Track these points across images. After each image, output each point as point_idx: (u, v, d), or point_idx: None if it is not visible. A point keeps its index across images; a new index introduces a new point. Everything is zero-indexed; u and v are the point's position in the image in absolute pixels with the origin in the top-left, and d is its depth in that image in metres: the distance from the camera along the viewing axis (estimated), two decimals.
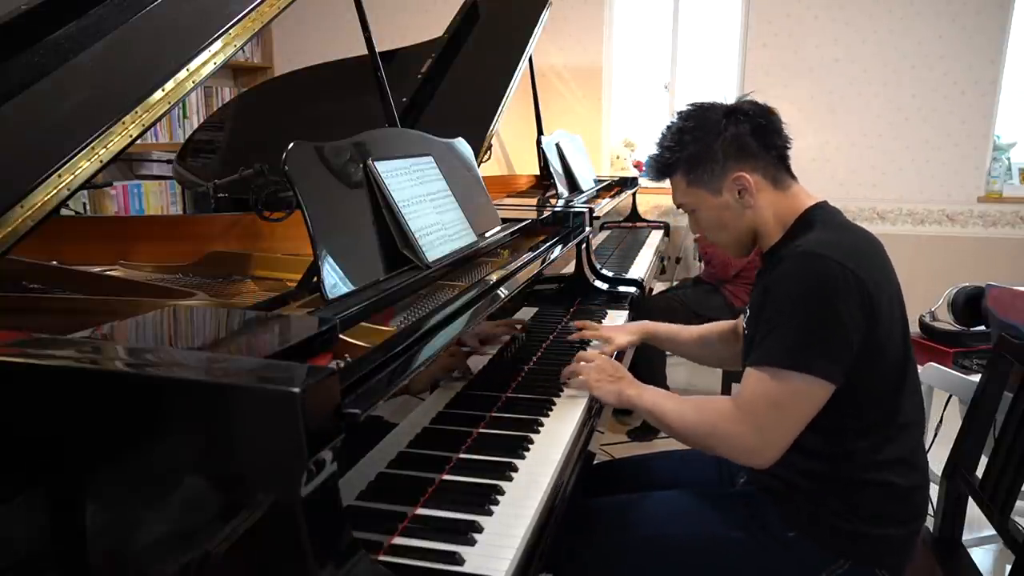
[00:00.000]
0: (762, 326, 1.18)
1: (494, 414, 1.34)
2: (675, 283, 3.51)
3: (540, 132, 3.41)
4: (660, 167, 1.35)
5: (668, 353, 3.07)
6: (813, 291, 1.14)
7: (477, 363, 1.36)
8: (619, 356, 1.69)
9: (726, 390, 2.85)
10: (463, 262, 1.45)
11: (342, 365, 0.89)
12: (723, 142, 1.27)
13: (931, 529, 1.58)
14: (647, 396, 1.31)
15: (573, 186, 3.01)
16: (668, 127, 1.34)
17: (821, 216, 1.27)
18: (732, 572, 1.24)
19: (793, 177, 1.32)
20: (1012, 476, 1.40)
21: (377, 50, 1.78)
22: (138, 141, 1.14)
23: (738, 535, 1.24)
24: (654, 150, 1.36)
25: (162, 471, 0.73)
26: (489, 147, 2.51)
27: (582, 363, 1.46)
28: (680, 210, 1.40)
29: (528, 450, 1.20)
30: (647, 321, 1.73)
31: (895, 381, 1.21)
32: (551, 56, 4.44)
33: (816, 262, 1.14)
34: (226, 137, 2.48)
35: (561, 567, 1.21)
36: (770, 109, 1.31)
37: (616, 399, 1.35)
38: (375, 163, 1.31)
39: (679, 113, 1.34)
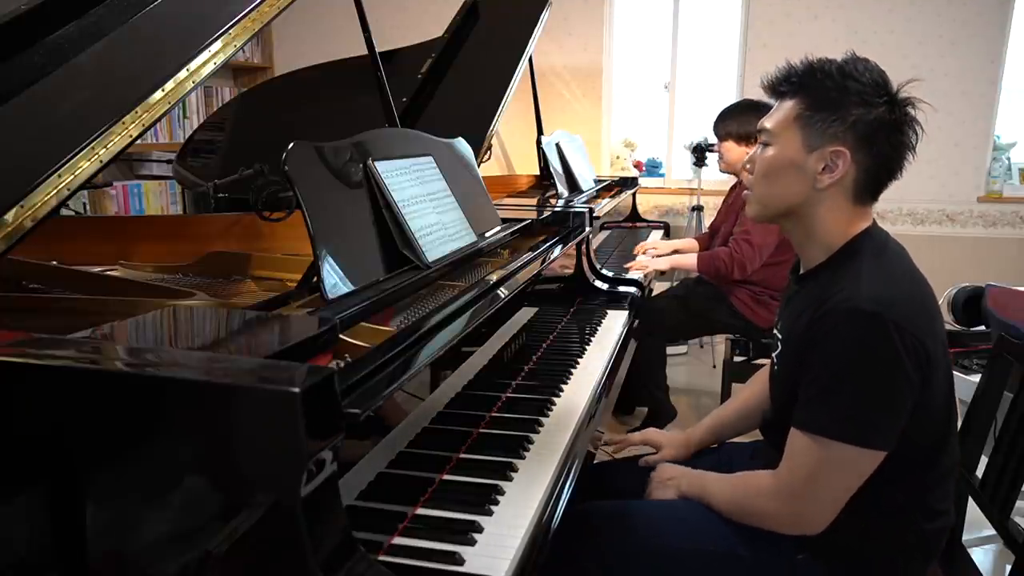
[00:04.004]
0: (810, 386, 1.11)
1: (494, 414, 1.34)
2: (675, 283, 3.50)
3: (540, 132, 3.41)
4: (786, 80, 1.17)
5: (668, 352, 3.08)
6: (870, 357, 1.06)
7: (477, 363, 1.36)
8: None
9: (725, 390, 2.85)
10: (463, 262, 1.45)
11: (342, 365, 0.89)
12: (861, 116, 1.12)
13: None
14: (695, 484, 1.29)
15: (573, 186, 3.01)
16: (838, 61, 1.15)
17: (869, 248, 1.16)
18: None
19: (873, 201, 1.20)
20: (1012, 476, 1.40)
21: (377, 50, 1.78)
22: (138, 141, 1.14)
23: (743, 553, 1.20)
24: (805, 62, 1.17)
25: (162, 471, 0.73)
26: (489, 147, 2.50)
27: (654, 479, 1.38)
28: (758, 134, 1.23)
29: (528, 450, 1.20)
30: (688, 433, 1.56)
31: (942, 431, 1.17)
32: (551, 56, 4.44)
33: (872, 324, 1.05)
34: (226, 137, 2.48)
35: (560, 571, 1.20)
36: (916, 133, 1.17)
37: (676, 495, 1.31)
38: (375, 163, 1.31)
39: (859, 57, 1.16)
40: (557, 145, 3.02)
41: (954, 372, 2.05)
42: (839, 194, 1.17)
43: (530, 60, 2.97)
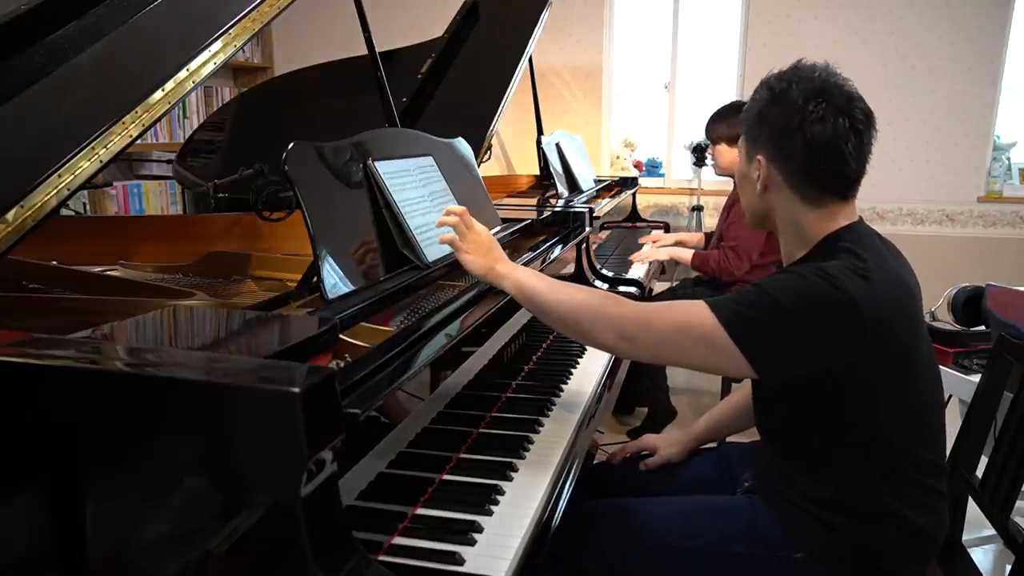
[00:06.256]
0: (750, 286, 1.15)
1: (494, 414, 1.34)
2: (675, 283, 3.50)
3: (540, 132, 3.41)
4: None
5: None
6: (806, 300, 1.08)
7: (477, 363, 1.36)
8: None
9: (725, 390, 2.85)
10: None
11: (342, 365, 0.89)
12: (773, 125, 1.17)
13: None
14: (520, 272, 1.25)
15: (573, 186, 3.01)
16: (772, 76, 1.21)
17: (850, 241, 1.16)
18: None
19: (841, 198, 1.19)
20: (1012, 476, 1.40)
21: (377, 50, 1.78)
22: (138, 141, 1.14)
23: (739, 549, 1.21)
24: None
25: (162, 471, 0.73)
26: (489, 147, 2.50)
27: (461, 225, 1.27)
28: None
29: (528, 450, 1.21)
30: (686, 432, 1.58)
31: (929, 431, 1.20)
32: (551, 56, 4.44)
33: (826, 278, 1.08)
34: (226, 137, 2.48)
35: (560, 571, 1.20)
36: (859, 126, 1.14)
37: (484, 272, 1.25)
38: (375, 163, 1.31)
39: (782, 72, 1.20)
40: (557, 145, 3.02)
41: (954, 372, 2.06)
42: (785, 196, 1.21)
43: (530, 60, 2.97)
